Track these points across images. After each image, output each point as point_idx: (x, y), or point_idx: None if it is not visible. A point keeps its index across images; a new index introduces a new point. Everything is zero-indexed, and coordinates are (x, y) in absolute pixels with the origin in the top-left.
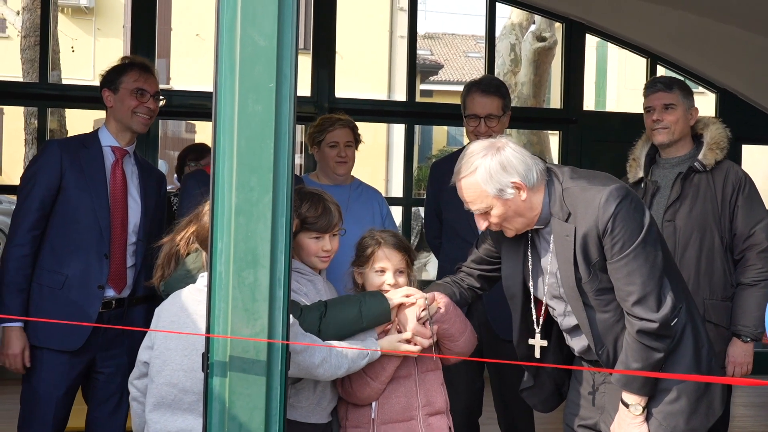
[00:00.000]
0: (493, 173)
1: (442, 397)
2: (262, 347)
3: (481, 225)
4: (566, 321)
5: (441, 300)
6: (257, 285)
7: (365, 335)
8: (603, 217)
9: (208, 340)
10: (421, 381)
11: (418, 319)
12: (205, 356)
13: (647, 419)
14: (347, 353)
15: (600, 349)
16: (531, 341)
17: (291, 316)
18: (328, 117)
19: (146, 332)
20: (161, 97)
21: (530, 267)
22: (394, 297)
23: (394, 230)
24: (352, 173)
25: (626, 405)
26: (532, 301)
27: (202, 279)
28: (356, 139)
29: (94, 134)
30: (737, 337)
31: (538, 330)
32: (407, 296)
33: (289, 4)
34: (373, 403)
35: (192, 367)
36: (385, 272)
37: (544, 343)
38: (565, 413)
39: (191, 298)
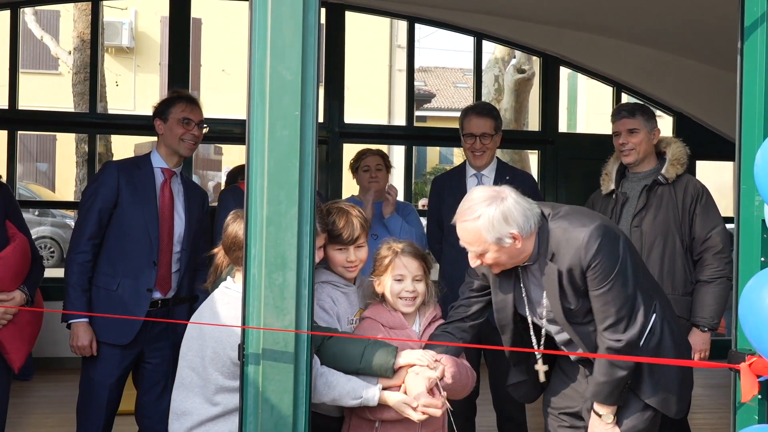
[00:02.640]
0: (495, 223)
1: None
2: (290, 339)
3: (474, 263)
4: (561, 336)
5: (448, 372)
6: (286, 285)
7: (368, 380)
8: (586, 256)
9: (243, 332)
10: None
11: (429, 392)
12: (241, 347)
13: (646, 410)
14: (336, 386)
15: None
16: (536, 366)
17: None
18: (363, 149)
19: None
20: (205, 125)
21: (524, 298)
22: (402, 360)
23: (418, 225)
24: None
25: (599, 415)
26: (531, 327)
27: (226, 282)
28: (386, 164)
29: (147, 157)
30: (696, 327)
31: (539, 356)
32: (412, 366)
33: (311, 44)
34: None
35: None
36: (403, 279)
37: (545, 367)
38: (549, 400)
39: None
